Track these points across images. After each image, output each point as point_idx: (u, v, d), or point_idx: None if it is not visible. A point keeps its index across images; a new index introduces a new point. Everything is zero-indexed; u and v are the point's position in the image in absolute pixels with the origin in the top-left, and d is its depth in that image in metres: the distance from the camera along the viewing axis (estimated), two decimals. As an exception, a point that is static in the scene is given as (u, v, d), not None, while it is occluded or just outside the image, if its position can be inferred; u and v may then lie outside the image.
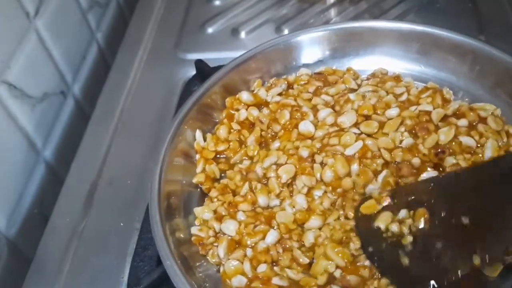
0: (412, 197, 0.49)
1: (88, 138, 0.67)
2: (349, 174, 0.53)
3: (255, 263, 0.48)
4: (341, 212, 0.51)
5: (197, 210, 0.53)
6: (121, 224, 0.57)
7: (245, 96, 0.61)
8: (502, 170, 0.48)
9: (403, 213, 0.48)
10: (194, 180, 0.56)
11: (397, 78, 0.63)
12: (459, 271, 0.43)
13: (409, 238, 0.47)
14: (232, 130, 0.59)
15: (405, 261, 0.46)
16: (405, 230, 0.47)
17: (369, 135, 0.55)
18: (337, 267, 0.47)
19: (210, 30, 0.80)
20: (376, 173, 0.52)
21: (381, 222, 0.48)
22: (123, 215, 0.58)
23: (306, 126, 0.57)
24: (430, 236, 0.46)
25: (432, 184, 0.50)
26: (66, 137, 0.71)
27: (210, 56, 0.72)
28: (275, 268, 0.48)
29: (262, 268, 0.47)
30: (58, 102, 0.71)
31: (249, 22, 0.80)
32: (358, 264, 0.47)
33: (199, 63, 0.68)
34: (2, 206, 0.58)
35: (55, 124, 0.70)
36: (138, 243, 0.54)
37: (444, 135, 0.54)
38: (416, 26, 0.63)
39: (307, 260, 0.48)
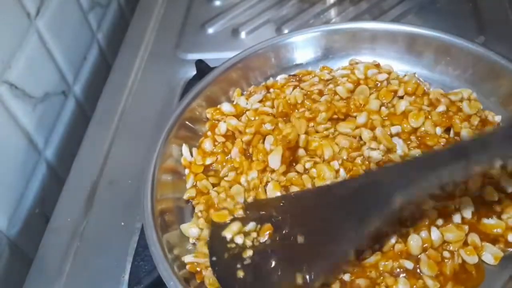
0: (263, 212, 0.50)
1: (89, 138, 0.67)
2: (338, 176, 0.52)
3: None
4: None
5: (184, 227, 0.52)
6: (122, 223, 0.57)
7: (226, 107, 0.60)
8: (339, 194, 0.49)
9: (251, 225, 0.48)
10: (185, 196, 0.54)
11: (377, 66, 0.63)
12: None
13: (249, 252, 0.47)
14: (216, 143, 0.58)
15: (240, 274, 0.46)
16: (248, 243, 0.47)
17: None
18: (345, 272, 0.46)
19: (210, 30, 0.80)
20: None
21: (228, 232, 0.48)
22: (124, 215, 0.58)
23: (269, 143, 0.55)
24: (267, 253, 0.47)
25: (283, 201, 0.51)
26: (67, 137, 0.71)
27: (211, 57, 0.72)
28: None
29: None
30: (59, 102, 0.71)
31: (249, 22, 0.80)
32: (365, 261, 0.46)
33: (200, 64, 0.68)
34: (3, 206, 0.58)
35: (56, 124, 0.70)
36: (138, 242, 0.54)
37: (414, 118, 0.55)
38: (408, 27, 0.63)
39: None
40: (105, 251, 0.55)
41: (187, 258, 0.49)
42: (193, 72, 0.70)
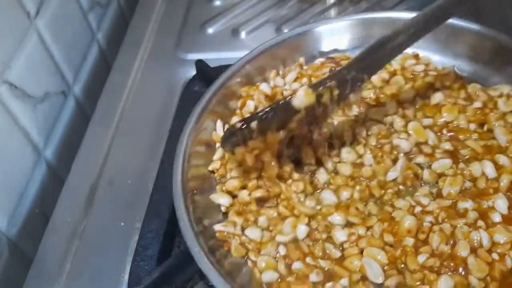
0: None
1: (88, 138, 0.67)
2: (361, 160, 0.53)
3: (288, 261, 0.48)
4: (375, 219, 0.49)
5: (213, 197, 0.53)
6: (122, 223, 0.57)
7: (263, 87, 0.61)
8: None
9: None
10: (210, 168, 0.56)
11: (416, 57, 0.63)
12: None
13: None
14: None
15: None
16: None
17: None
18: None
19: (210, 30, 0.80)
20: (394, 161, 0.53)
21: None
22: (124, 215, 0.58)
23: None
24: None
25: None
26: (67, 137, 0.71)
27: (211, 57, 0.72)
28: (307, 259, 0.47)
29: (297, 265, 0.47)
30: (59, 102, 0.71)
31: (249, 22, 0.80)
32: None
33: (200, 64, 0.68)
34: (3, 206, 0.58)
35: (56, 124, 0.70)
36: (138, 242, 0.54)
37: (448, 112, 0.55)
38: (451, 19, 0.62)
39: (339, 254, 0.48)
40: (105, 251, 0.55)
41: (217, 227, 0.50)
42: (193, 72, 0.70)
